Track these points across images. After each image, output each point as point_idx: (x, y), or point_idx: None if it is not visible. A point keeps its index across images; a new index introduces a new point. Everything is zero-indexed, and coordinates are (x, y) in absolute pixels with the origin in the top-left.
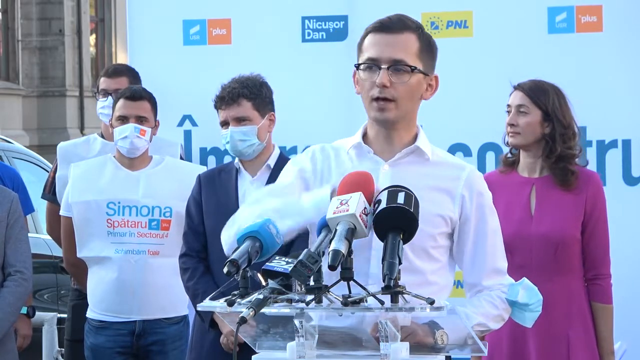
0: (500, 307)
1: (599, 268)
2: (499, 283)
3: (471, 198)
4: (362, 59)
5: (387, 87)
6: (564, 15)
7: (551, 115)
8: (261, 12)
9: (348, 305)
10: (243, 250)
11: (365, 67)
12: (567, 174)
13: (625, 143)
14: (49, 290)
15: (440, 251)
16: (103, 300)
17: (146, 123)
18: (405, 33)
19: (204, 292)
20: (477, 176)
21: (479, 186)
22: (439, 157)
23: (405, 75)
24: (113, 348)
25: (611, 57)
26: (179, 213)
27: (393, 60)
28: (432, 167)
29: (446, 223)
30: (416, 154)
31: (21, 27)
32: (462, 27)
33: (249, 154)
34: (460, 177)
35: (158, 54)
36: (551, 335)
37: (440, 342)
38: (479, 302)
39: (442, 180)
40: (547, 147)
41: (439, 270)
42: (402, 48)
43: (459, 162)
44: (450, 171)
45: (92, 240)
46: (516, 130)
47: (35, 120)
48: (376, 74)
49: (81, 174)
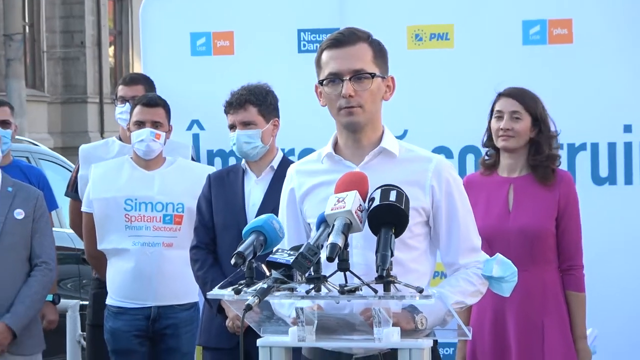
0: (477, 282)
1: (572, 259)
2: (475, 260)
3: (440, 187)
4: (323, 74)
5: (353, 97)
6: (538, 28)
7: (539, 120)
8: (261, 26)
9: (344, 293)
10: (249, 243)
11: (328, 81)
12: (548, 173)
13: (593, 146)
14: (72, 279)
15: (418, 239)
16: (121, 288)
17: (161, 127)
18: (358, 44)
19: (213, 281)
20: (444, 166)
21: (446, 174)
22: (406, 152)
23: (367, 82)
24: (130, 332)
25: (581, 67)
26: (190, 209)
27: (353, 71)
28: (401, 164)
29: (420, 214)
30: (384, 154)
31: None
32: (443, 39)
33: (253, 155)
34: (428, 169)
35: (168, 64)
36: (529, 321)
37: (421, 325)
38: (456, 280)
39: (411, 174)
40: (532, 149)
41: (419, 258)
42: (358, 58)
43: (427, 154)
44: (418, 164)
45: (111, 234)
46: (510, 134)
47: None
48: (340, 86)
49: (101, 174)
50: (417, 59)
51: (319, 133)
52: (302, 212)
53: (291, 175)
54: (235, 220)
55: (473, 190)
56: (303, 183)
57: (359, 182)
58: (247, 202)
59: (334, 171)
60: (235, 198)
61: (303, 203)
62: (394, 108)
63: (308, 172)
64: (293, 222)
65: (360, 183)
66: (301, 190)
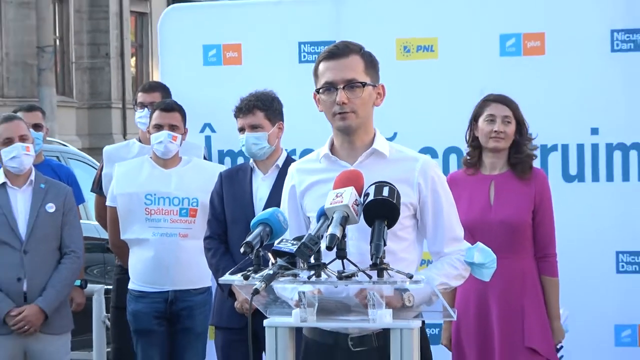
0: (460, 267)
1: (547, 248)
2: (458, 249)
3: (426, 183)
4: (320, 83)
5: (346, 103)
6: (513, 40)
7: (520, 124)
8: (266, 39)
9: (342, 279)
10: (256, 234)
11: (324, 90)
12: (527, 169)
13: (564, 147)
14: (98, 266)
15: (407, 231)
16: (142, 274)
17: (177, 130)
18: (351, 56)
19: (224, 268)
20: (430, 165)
21: (431, 172)
22: (396, 153)
23: (358, 91)
24: (150, 313)
25: (552, 76)
26: (204, 203)
27: (346, 80)
28: (391, 163)
29: (408, 208)
30: (375, 154)
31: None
32: (429, 50)
33: (260, 155)
34: (415, 168)
35: (183, 73)
36: (509, 304)
37: (408, 302)
38: (441, 265)
39: (400, 172)
40: (513, 149)
41: (408, 247)
42: (351, 69)
43: (414, 154)
44: (407, 164)
45: (133, 225)
46: (502, 136)
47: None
48: (334, 94)
49: (124, 172)
50: (405, 68)
51: (318, 135)
52: (302, 206)
53: (292, 173)
54: (244, 214)
55: (457, 187)
56: (303, 180)
57: (355, 179)
58: (254, 197)
59: (330, 170)
60: (244, 193)
61: (303, 198)
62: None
63: (307, 170)
64: (294, 215)
65: (356, 180)
66: (301, 187)
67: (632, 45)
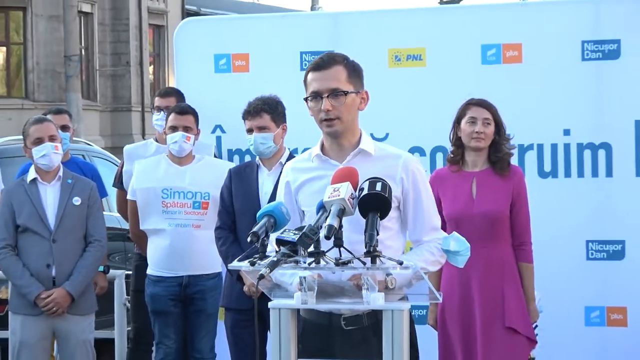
0: (437, 254)
1: (523, 237)
2: (436, 237)
3: (408, 178)
4: (308, 92)
5: (331, 110)
6: (494, 50)
7: (499, 125)
8: (271, 49)
9: (339, 265)
10: (262, 225)
11: (311, 98)
12: (505, 166)
13: (539, 146)
14: (119, 254)
15: (392, 221)
16: (159, 261)
17: (191, 131)
18: (334, 67)
19: (233, 255)
20: (411, 161)
21: (413, 167)
22: (380, 151)
23: (342, 98)
24: (166, 296)
25: (529, 82)
26: (214, 197)
27: (330, 90)
28: (376, 161)
29: (393, 201)
30: (362, 153)
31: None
32: (418, 59)
33: (267, 153)
34: (398, 164)
35: (196, 79)
36: (489, 287)
37: (390, 285)
38: (420, 251)
39: (385, 169)
40: (492, 148)
41: (393, 236)
42: (334, 79)
43: (396, 152)
44: (390, 161)
45: (151, 217)
46: (482, 136)
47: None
48: (320, 102)
49: (143, 169)
50: (396, 75)
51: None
52: (297, 201)
53: (287, 171)
54: (251, 206)
55: (443, 182)
56: (297, 178)
57: (351, 175)
58: (260, 191)
59: (322, 169)
60: (251, 188)
61: (298, 194)
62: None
63: (301, 169)
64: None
65: (352, 176)
66: (295, 183)
67: (600, 55)
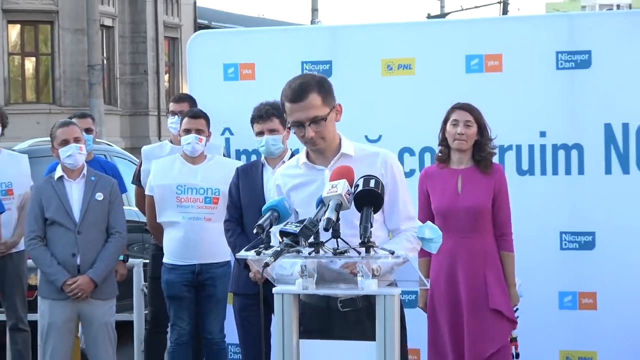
0: (413, 242)
1: (504, 228)
2: (412, 226)
3: (387, 172)
4: (290, 121)
5: (314, 137)
6: (477, 60)
7: (482, 127)
8: (275, 59)
9: (337, 255)
10: (266, 218)
11: (294, 127)
12: (488, 165)
13: (517, 147)
14: (137, 244)
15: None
16: (174, 250)
17: (202, 134)
18: (309, 95)
19: (240, 245)
20: (389, 157)
21: (390, 162)
22: (360, 152)
23: (322, 123)
24: (180, 282)
25: (508, 89)
26: (224, 193)
27: (310, 118)
28: (357, 161)
29: None
30: (344, 156)
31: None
32: (408, 68)
33: (276, 154)
34: (378, 161)
35: (207, 86)
36: (474, 275)
37: (377, 272)
38: (399, 240)
39: (366, 167)
40: (476, 148)
41: (379, 227)
42: (312, 108)
43: (375, 150)
44: (370, 159)
45: (167, 211)
46: (464, 138)
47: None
48: (303, 130)
49: (159, 167)
50: (388, 83)
51: None
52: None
53: (277, 176)
54: (257, 201)
55: (431, 179)
56: (286, 183)
57: (347, 173)
58: (265, 187)
59: (309, 174)
60: (257, 185)
61: (289, 196)
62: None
63: (290, 175)
64: None
65: (348, 174)
66: (285, 187)
67: (573, 64)
